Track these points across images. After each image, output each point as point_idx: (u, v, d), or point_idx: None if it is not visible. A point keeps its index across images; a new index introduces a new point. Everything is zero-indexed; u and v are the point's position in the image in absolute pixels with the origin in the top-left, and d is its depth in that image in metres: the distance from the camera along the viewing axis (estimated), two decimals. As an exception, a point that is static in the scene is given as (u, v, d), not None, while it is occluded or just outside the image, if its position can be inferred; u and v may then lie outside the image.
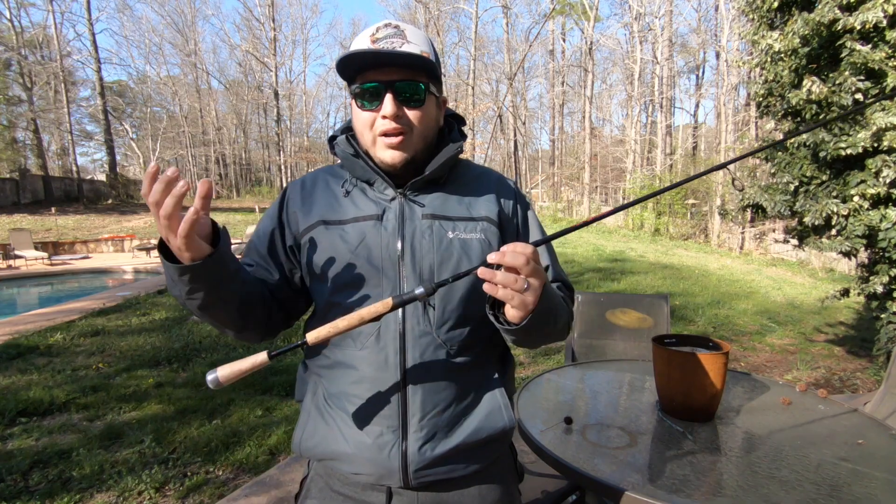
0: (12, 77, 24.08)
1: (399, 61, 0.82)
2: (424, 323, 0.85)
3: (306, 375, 0.97)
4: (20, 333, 5.25)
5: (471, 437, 0.88)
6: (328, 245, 0.88)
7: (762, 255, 15.91)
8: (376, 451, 0.84)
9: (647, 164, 25.80)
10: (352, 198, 0.91)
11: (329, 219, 0.89)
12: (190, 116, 35.85)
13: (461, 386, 0.89)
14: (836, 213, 3.60)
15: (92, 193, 24.47)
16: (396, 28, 0.85)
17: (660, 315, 2.83)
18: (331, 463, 0.89)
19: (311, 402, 0.92)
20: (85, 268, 11.56)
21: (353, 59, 0.82)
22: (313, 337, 0.72)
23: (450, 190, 0.93)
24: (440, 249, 0.87)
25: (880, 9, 3.25)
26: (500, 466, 0.97)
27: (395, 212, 0.88)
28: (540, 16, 30.13)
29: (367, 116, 0.85)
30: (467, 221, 0.90)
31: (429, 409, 0.85)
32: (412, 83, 0.84)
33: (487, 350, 0.95)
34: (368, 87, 0.83)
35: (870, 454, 1.36)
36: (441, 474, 0.87)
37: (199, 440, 2.96)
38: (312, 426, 0.90)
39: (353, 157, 0.90)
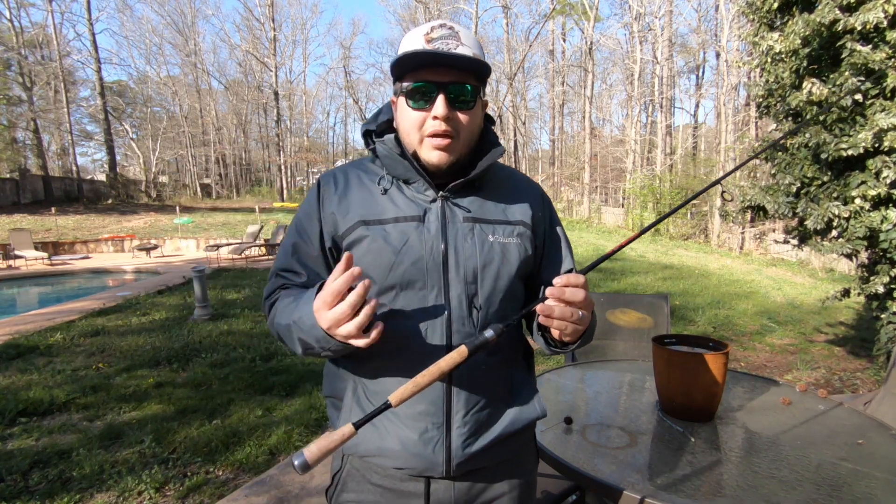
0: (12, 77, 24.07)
1: (456, 63, 0.83)
2: (469, 325, 0.88)
3: (341, 373, 0.97)
4: (20, 333, 5.26)
5: (508, 429, 0.92)
6: (371, 246, 0.87)
7: (762, 255, 15.91)
8: (421, 447, 0.87)
9: (647, 164, 25.79)
10: (390, 196, 0.91)
11: (369, 218, 0.88)
12: (190, 116, 35.84)
13: (499, 382, 0.93)
14: (837, 216, 3.60)
15: (92, 193, 24.46)
16: (451, 29, 0.85)
17: (660, 315, 2.83)
18: (373, 459, 0.90)
19: (352, 399, 0.92)
20: (85, 268, 11.56)
21: (412, 58, 0.82)
22: (397, 399, 0.72)
23: (486, 193, 0.94)
24: (483, 253, 0.89)
25: (881, 9, 3.25)
26: (526, 452, 1.02)
27: (437, 214, 0.89)
28: (540, 16, 30.15)
29: (416, 116, 0.85)
30: (505, 225, 0.93)
31: (472, 405, 0.89)
32: (464, 85, 0.84)
33: (518, 347, 1.00)
34: (421, 87, 0.84)
35: (870, 454, 1.36)
36: (480, 464, 0.91)
37: (199, 440, 2.96)
38: None
39: (399, 156, 0.89)
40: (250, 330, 5.58)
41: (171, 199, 28.05)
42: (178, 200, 27.20)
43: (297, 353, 0.85)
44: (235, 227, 16.51)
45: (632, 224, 20.92)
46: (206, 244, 13.74)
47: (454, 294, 0.87)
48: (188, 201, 27.56)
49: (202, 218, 18.25)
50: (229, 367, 4.29)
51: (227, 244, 12.89)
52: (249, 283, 8.77)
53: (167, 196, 29.96)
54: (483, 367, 0.90)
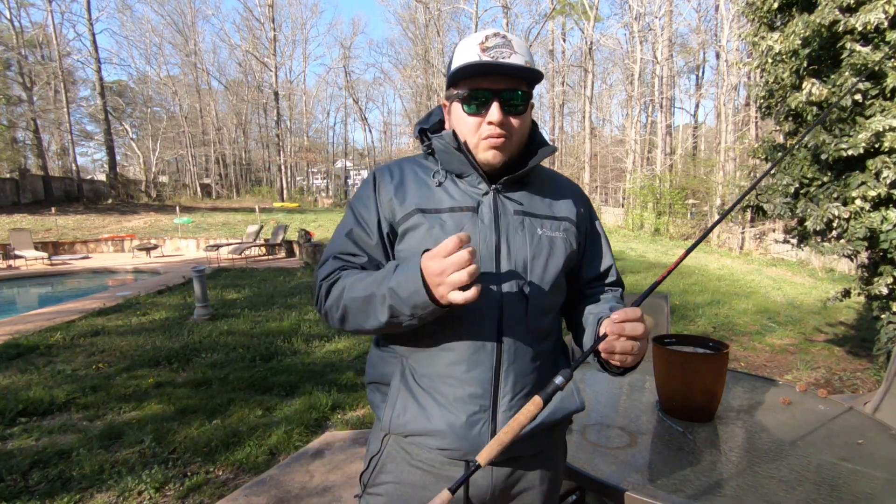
0: (12, 77, 24.06)
1: (510, 72, 0.87)
2: (520, 311, 0.91)
3: (387, 357, 0.99)
4: (20, 333, 5.26)
5: (549, 418, 0.95)
6: (428, 233, 0.91)
7: (762, 255, 15.91)
8: (467, 429, 0.89)
9: (647, 164, 25.79)
10: (445, 188, 0.95)
11: (426, 207, 0.92)
12: (190, 116, 35.85)
13: (543, 370, 0.96)
14: (837, 217, 3.59)
15: (92, 193, 24.45)
16: (504, 38, 0.90)
17: (660, 315, 2.83)
18: (418, 440, 0.92)
19: (401, 382, 0.95)
20: (85, 268, 11.55)
21: (468, 69, 0.87)
22: (485, 458, 0.74)
23: (533, 190, 0.99)
24: (532, 244, 0.94)
25: (881, 10, 3.25)
26: (559, 446, 1.06)
27: (489, 205, 0.93)
28: (540, 16, 30.15)
29: (472, 121, 0.90)
30: (552, 220, 0.98)
31: (518, 390, 0.91)
32: (516, 92, 0.90)
33: (560, 338, 1.04)
34: (476, 94, 0.89)
35: (870, 454, 1.36)
36: (519, 451, 0.93)
37: (199, 440, 2.96)
38: (402, 404, 0.93)
39: (456, 150, 0.93)
40: (250, 330, 5.58)
41: (171, 199, 28.05)
42: (178, 200, 27.20)
43: (367, 328, 0.87)
44: (235, 227, 16.51)
45: (631, 224, 20.91)
46: (206, 244, 13.74)
47: (506, 282, 0.91)
48: (188, 201, 27.55)
49: (202, 218, 18.24)
50: (229, 367, 4.29)
51: (227, 244, 12.90)
52: (249, 283, 8.78)
53: (167, 196, 29.95)
54: (532, 353, 0.93)
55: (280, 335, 5.31)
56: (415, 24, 33.25)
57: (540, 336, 0.95)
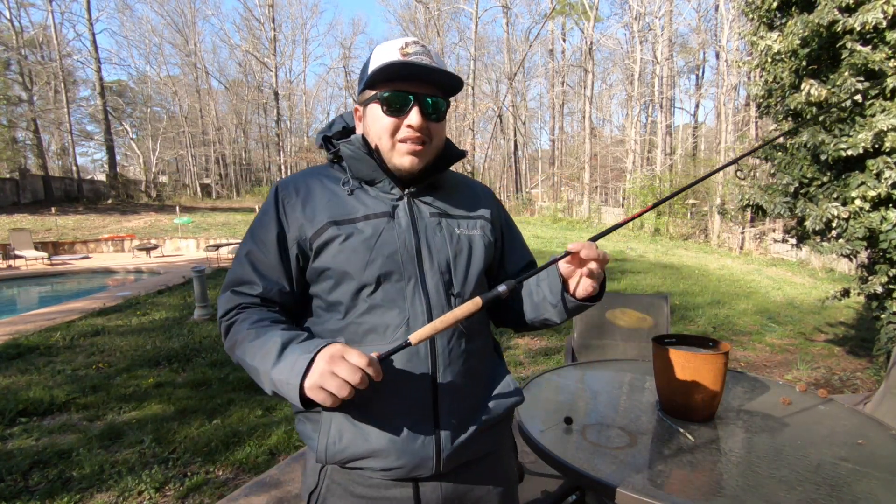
0: (12, 77, 24.06)
1: (433, 78, 0.88)
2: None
3: None
4: (20, 333, 5.26)
5: (492, 415, 0.95)
6: (343, 244, 0.88)
7: (762, 255, 15.90)
8: (410, 442, 0.86)
9: (647, 164, 25.80)
10: (356, 197, 0.93)
11: (339, 218, 0.90)
12: (190, 116, 35.84)
13: (479, 369, 0.96)
14: (836, 217, 3.59)
15: (92, 193, 24.45)
16: (424, 48, 0.90)
17: (660, 315, 2.83)
18: (359, 463, 0.88)
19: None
20: (85, 268, 11.55)
21: (394, 68, 0.86)
22: (416, 338, 0.74)
23: (445, 193, 1.00)
24: (452, 244, 0.94)
25: (880, 10, 3.25)
26: (505, 445, 1.04)
27: (405, 210, 0.93)
28: (540, 16, 30.15)
29: (390, 122, 0.88)
30: (468, 219, 0.99)
31: (457, 394, 0.90)
32: (438, 100, 0.90)
33: (490, 335, 1.04)
34: (398, 96, 0.87)
35: (870, 454, 1.36)
36: (467, 456, 0.92)
37: (199, 440, 2.96)
38: (338, 430, 0.88)
39: (368, 154, 0.92)
40: (250, 330, 5.58)
41: (171, 199, 28.05)
42: (178, 200, 27.20)
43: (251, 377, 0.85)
44: (235, 227, 16.51)
45: (631, 224, 20.90)
46: (206, 244, 13.73)
47: (431, 284, 0.89)
48: (188, 201, 27.55)
49: (202, 218, 18.24)
50: (229, 367, 4.29)
51: (227, 244, 12.89)
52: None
53: (167, 196, 29.95)
54: (466, 353, 0.92)
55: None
56: (415, 24, 33.25)
57: (472, 335, 0.94)
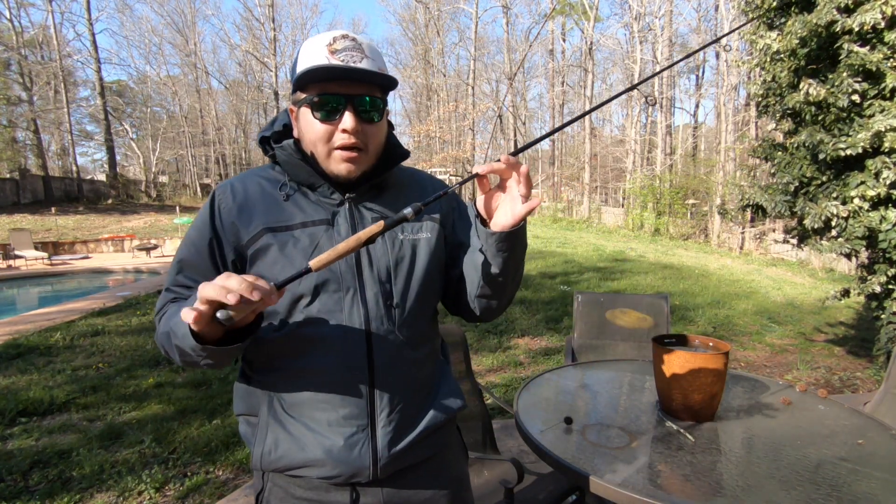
0: (12, 77, 24.06)
1: (364, 77, 0.82)
2: (388, 322, 0.88)
3: (253, 388, 0.94)
4: (20, 333, 5.25)
5: (431, 423, 0.93)
6: (279, 253, 0.85)
7: (762, 255, 15.91)
8: (347, 452, 0.85)
9: (647, 164, 25.80)
10: (294, 202, 0.89)
11: (274, 225, 0.86)
12: (190, 116, 35.83)
13: (421, 377, 0.94)
14: (835, 216, 3.60)
15: (92, 193, 24.45)
16: (354, 41, 0.83)
17: (660, 315, 2.83)
18: (296, 472, 0.87)
19: (269, 415, 0.90)
20: (85, 268, 11.55)
21: (318, 72, 0.80)
22: (317, 263, 0.68)
23: (392, 194, 0.95)
24: (394, 251, 0.90)
25: (878, 10, 3.25)
26: (452, 448, 1.03)
27: (345, 216, 0.89)
28: (540, 16, 30.15)
29: (323, 129, 0.83)
30: (413, 222, 0.93)
31: (395, 403, 0.88)
32: (371, 99, 0.84)
33: (435, 341, 1.01)
34: (328, 99, 0.82)
35: (870, 454, 1.36)
36: (406, 462, 0.90)
37: (199, 440, 2.96)
38: (273, 439, 0.88)
39: (301, 161, 0.87)
40: (250, 330, 5.58)
41: (171, 199, 28.04)
42: (178, 200, 27.19)
43: (178, 363, 0.81)
44: (235, 227, 16.49)
45: (631, 224, 20.90)
46: (206, 244, 13.72)
47: (370, 294, 0.87)
48: (188, 201, 27.54)
49: (202, 218, 18.23)
50: (229, 367, 4.28)
51: (227, 244, 12.88)
52: (249, 283, 8.76)
53: (167, 196, 29.95)
54: (409, 362, 0.90)
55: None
56: (415, 24, 33.26)
57: (414, 343, 0.91)
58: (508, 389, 3.80)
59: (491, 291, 0.89)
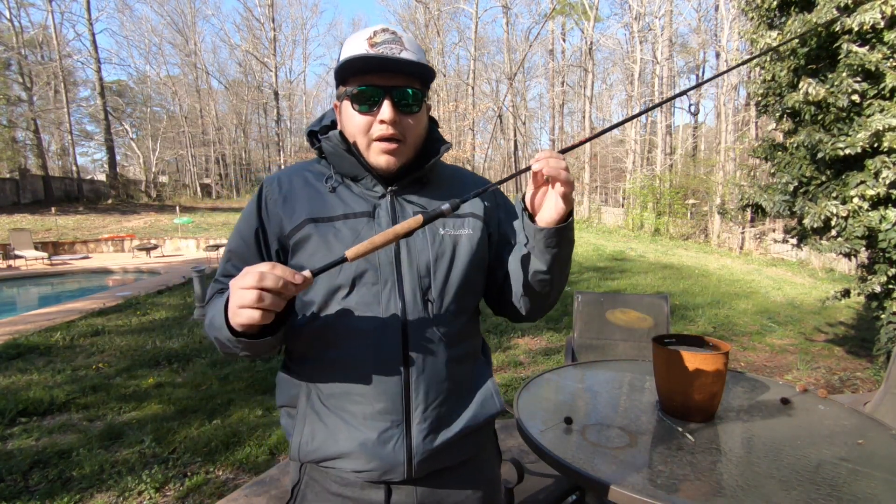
0: (12, 77, 24.06)
1: (402, 68, 0.83)
2: (425, 317, 0.87)
3: (293, 379, 0.95)
4: (20, 333, 5.25)
5: (469, 424, 0.91)
6: (321, 243, 0.86)
7: (762, 255, 15.90)
8: (381, 447, 0.85)
9: (647, 164, 25.80)
10: (338, 194, 0.90)
11: (317, 216, 0.88)
12: (190, 116, 35.83)
13: (458, 376, 0.92)
14: (835, 215, 3.60)
15: (92, 193, 24.45)
16: (394, 34, 0.85)
17: (660, 315, 2.83)
18: (331, 463, 0.88)
19: (307, 406, 0.91)
20: (85, 268, 11.55)
21: (358, 62, 0.82)
22: (353, 253, 0.70)
23: (433, 188, 0.95)
24: (434, 246, 0.89)
25: (878, 10, 3.25)
26: (488, 450, 1.01)
27: (387, 209, 0.89)
28: (540, 16, 30.14)
29: (363, 120, 0.85)
30: (455, 218, 0.93)
31: (431, 400, 0.87)
32: (410, 90, 0.85)
33: (475, 341, 0.99)
34: (367, 91, 0.83)
35: (870, 454, 1.36)
36: (442, 463, 0.89)
37: (199, 440, 2.96)
38: (311, 430, 0.89)
39: (346, 152, 0.89)
40: (250, 330, 5.58)
41: (171, 199, 28.04)
42: (178, 200, 27.19)
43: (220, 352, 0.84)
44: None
45: (631, 224, 20.90)
46: (206, 244, 13.73)
47: (408, 288, 0.86)
48: (188, 201, 27.55)
49: (202, 218, 18.25)
50: (229, 367, 4.29)
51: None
52: (249, 283, 8.75)
53: (167, 196, 29.95)
54: (444, 360, 0.89)
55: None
56: (415, 24, 33.24)
57: (452, 341, 0.90)
58: (508, 389, 3.80)
59: (537, 290, 0.89)
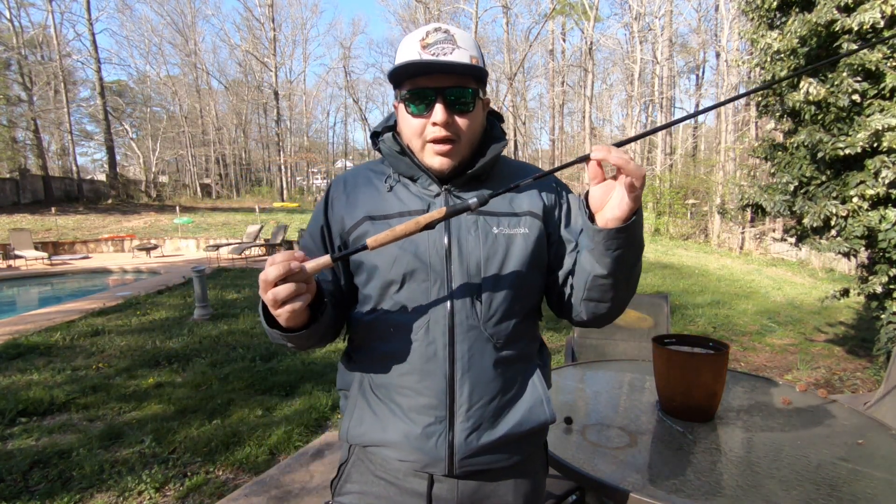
0: (12, 77, 24.06)
1: (451, 70, 0.83)
2: (472, 317, 0.87)
3: (350, 366, 0.99)
4: (20, 333, 5.25)
5: (514, 430, 0.90)
6: None
7: (762, 255, 15.90)
8: (423, 440, 0.87)
9: (648, 164, 25.79)
10: (395, 193, 0.92)
11: (374, 214, 0.90)
12: (190, 116, 35.83)
13: (506, 378, 0.91)
14: (834, 215, 3.60)
15: (92, 193, 24.45)
16: (447, 33, 0.85)
17: (660, 315, 2.83)
18: (376, 450, 0.91)
19: (358, 392, 0.94)
20: (85, 268, 11.55)
21: (409, 67, 0.83)
22: (374, 241, 0.73)
23: (491, 186, 0.93)
24: (486, 245, 0.88)
25: (878, 10, 3.25)
26: (534, 459, 1.00)
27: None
28: (540, 16, 30.13)
29: (416, 123, 0.86)
30: (510, 217, 0.92)
31: (475, 400, 0.88)
32: (462, 89, 0.85)
33: (530, 344, 0.97)
34: (419, 93, 0.84)
35: (870, 454, 1.36)
36: (484, 464, 0.89)
37: (199, 440, 2.96)
38: (359, 415, 0.93)
39: (399, 154, 0.91)
40: (250, 330, 5.58)
41: (171, 199, 28.05)
42: (178, 200, 27.19)
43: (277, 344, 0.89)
44: (235, 227, 16.51)
45: (632, 224, 20.83)
46: (206, 244, 13.73)
47: (457, 287, 0.87)
48: (188, 201, 27.54)
49: (202, 218, 18.24)
50: (229, 367, 4.29)
51: (227, 244, 12.89)
52: (249, 283, 8.77)
53: (167, 196, 29.96)
54: (492, 361, 0.89)
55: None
56: (415, 24, 33.24)
57: (501, 342, 0.89)
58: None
59: (599, 295, 0.85)
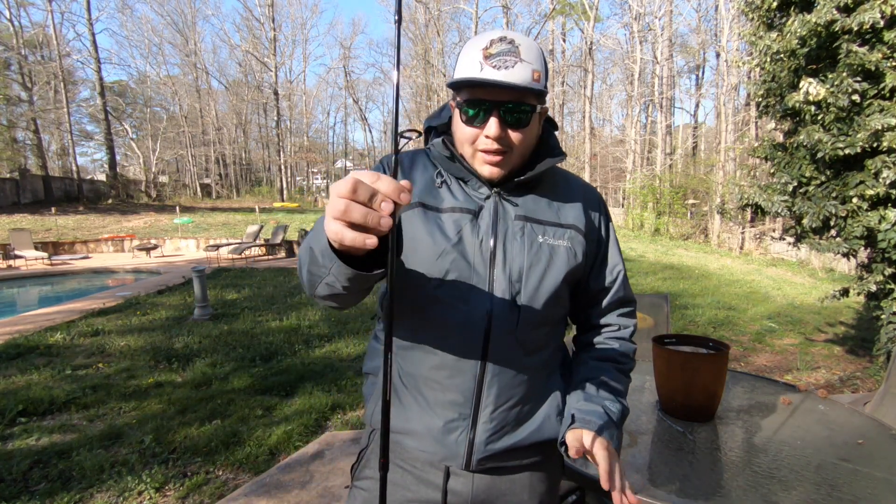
0: (12, 77, 24.06)
1: (510, 87, 0.82)
2: (510, 322, 0.87)
3: (380, 350, 0.98)
4: (20, 333, 5.25)
5: (533, 436, 0.91)
6: (425, 230, 0.88)
7: (762, 255, 15.90)
8: (444, 435, 0.88)
9: (647, 164, 25.79)
10: (447, 188, 0.92)
11: (427, 203, 0.90)
12: (190, 116, 35.84)
13: (532, 385, 0.92)
14: (834, 215, 3.60)
15: (92, 193, 24.45)
16: (511, 43, 0.82)
17: (660, 315, 2.83)
18: (398, 437, 0.92)
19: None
20: (85, 268, 11.55)
21: (468, 82, 0.82)
22: None
23: (540, 193, 0.94)
24: (530, 253, 0.89)
25: (878, 10, 3.25)
26: (552, 462, 1.01)
27: (490, 210, 0.90)
28: (540, 16, 30.14)
29: (469, 132, 0.86)
30: (556, 227, 0.92)
31: (501, 402, 0.88)
32: (519, 105, 0.83)
33: (556, 353, 0.98)
34: (475, 105, 0.83)
35: (870, 454, 1.36)
36: (500, 464, 0.91)
37: (199, 440, 2.96)
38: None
39: (449, 159, 0.91)
40: (250, 330, 5.58)
41: (171, 199, 28.05)
42: (178, 200, 27.20)
43: (306, 288, 0.75)
44: (235, 227, 16.51)
45: (631, 224, 20.90)
46: (206, 244, 13.74)
47: (498, 290, 0.87)
48: (188, 201, 27.54)
49: (202, 218, 18.24)
50: (229, 367, 4.29)
51: (227, 244, 12.89)
52: (249, 283, 8.77)
53: (167, 196, 29.97)
54: (519, 366, 0.89)
55: (280, 335, 5.31)
56: (415, 24, 33.26)
57: (529, 349, 0.90)
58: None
59: None
